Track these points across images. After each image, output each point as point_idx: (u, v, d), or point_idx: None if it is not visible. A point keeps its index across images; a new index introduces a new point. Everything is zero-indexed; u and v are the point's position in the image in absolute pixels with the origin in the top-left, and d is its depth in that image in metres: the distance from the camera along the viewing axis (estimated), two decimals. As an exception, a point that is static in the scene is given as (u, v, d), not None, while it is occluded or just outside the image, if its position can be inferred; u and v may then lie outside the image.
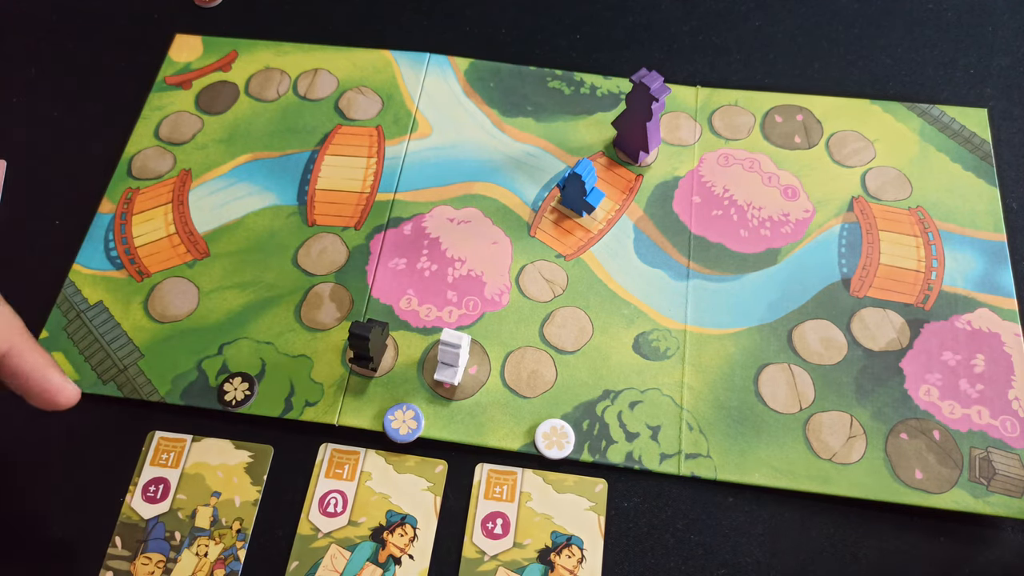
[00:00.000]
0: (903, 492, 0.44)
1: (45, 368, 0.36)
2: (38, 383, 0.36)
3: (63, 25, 0.63)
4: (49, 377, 0.36)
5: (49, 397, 0.36)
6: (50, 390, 0.36)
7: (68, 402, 0.37)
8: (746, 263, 0.51)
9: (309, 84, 0.59)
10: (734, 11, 0.62)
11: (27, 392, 0.36)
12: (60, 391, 0.36)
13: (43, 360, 0.36)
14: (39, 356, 0.36)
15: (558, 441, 0.45)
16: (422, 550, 0.43)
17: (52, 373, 0.36)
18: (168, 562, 0.42)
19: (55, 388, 0.36)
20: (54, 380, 0.36)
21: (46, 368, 0.36)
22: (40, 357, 0.36)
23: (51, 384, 0.36)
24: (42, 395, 0.36)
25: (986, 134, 0.55)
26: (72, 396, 0.37)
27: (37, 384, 0.36)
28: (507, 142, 0.56)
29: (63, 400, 0.37)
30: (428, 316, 0.49)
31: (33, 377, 0.36)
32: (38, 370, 0.36)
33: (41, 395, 0.36)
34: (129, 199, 0.54)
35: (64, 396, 0.37)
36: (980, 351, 0.48)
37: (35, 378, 0.36)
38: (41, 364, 0.36)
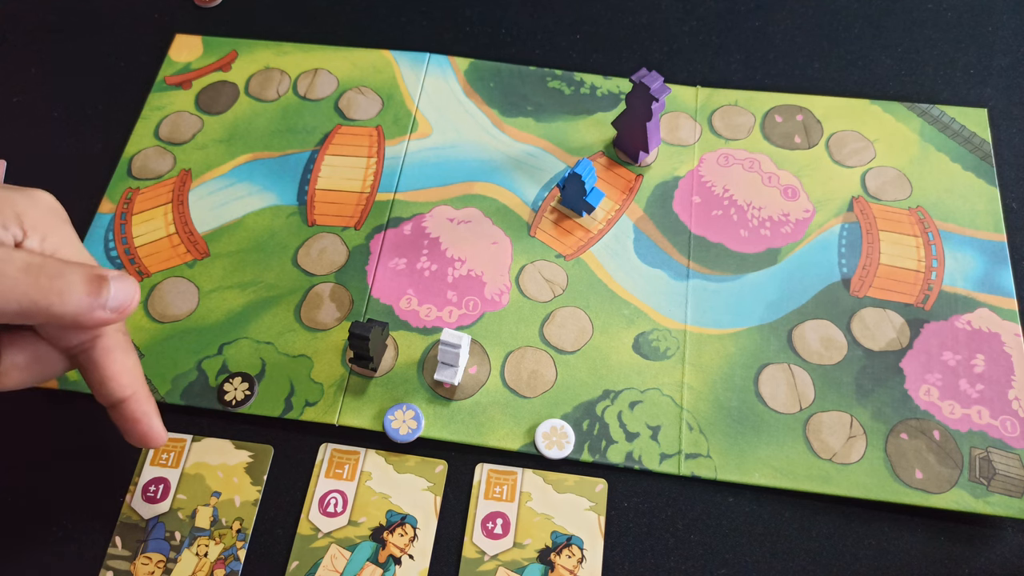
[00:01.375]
0: (903, 492, 0.44)
1: (154, 416, 0.39)
2: (144, 429, 0.38)
3: (63, 25, 0.63)
4: (154, 425, 0.39)
5: (145, 441, 0.39)
6: (150, 436, 0.39)
7: (157, 446, 0.40)
8: (746, 263, 0.51)
9: (309, 84, 0.59)
10: (734, 11, 0.62)
11: (129, 432, 0.39)
12: (157, 438, 0.39)
13: (154, 408, 0.39)
14: (152, 404, 0.39)
15: (558, 441, 0.45)
16: (422, 550, 0.43)
17: (157, 421, 0.39)
18: (168, 562, 0.42)
19: (155, 435, 0.39)
20: (155, 427, 0.39)
21: (154, 416, 0.39)
22: (153, 406, 0.39)
23: (153, 431, 0.39)
24: (141, 438, 0.39)
25: (986, 134, 0.55)
26: (163, 442, 0.40)
27: (143, 429, 0.38)
28: (507, 142, 0.56)
29: (155, 445, 0.39)
30: (428, 316, 0.49)
31: (143, 422, 0.38)
32: (148, 417, 0.38)
33: (140, 438, 0.39)
34: (129, 199, 0.54)
35: (158, 442, 0.39)
36: (980, 351, 0.48)
37: (143, 423, 0.38)
38: (152, 412, 0.39)
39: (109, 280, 0.34)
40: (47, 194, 0.36)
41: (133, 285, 0.35)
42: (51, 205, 0.36)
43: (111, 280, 0.34)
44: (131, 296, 0.35)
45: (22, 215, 0.34)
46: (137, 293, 0.35)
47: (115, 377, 0.37)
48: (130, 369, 0.38)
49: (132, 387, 0.38)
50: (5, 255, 0.32)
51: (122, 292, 0.34)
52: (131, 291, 0.35)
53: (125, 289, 0.34)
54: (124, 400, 0.38)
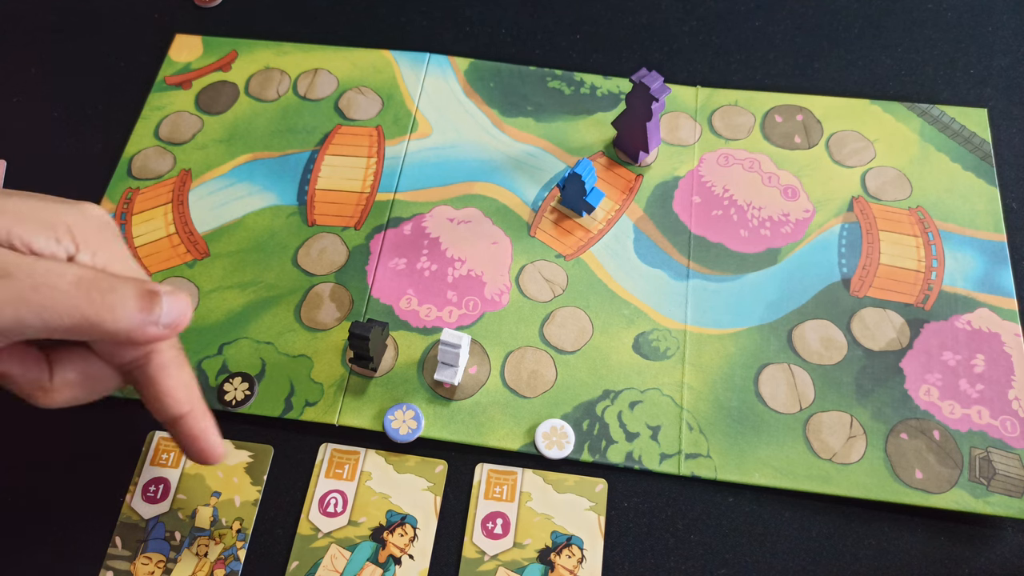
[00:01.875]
0: (903, 492, 0.44)
1: (212, 433, 0.38)
2: (203, 445, 0.38)
3: (63, 25, 0.63)
4: (212, 441, 0.38)
5: (204, 458, 0.38)
6: (209, 453, 0.38)
7: (217, 463, 0.39)
8: (746, 263, 0.51)
9: (309, 84, 0.59)
10: (734, 11, 0.62)
11: (188, 449, 0.38)
12: (216, 454, 0.38)
13: (211, 423, 0.38)
14: (209, 420, 0.38)
15: (558, 441, 0.45)
16: (422, 550, 0.43)
17: (215, 437, 0.38)
18: (168, 562, 0.42)
19: (213, 452, 0.38)
20: (214, 443, 0.38)
21: (213, 432, 0.38)
22: (211, 421, 0.38)
23: (211, 447, 0.38)
24: (200, 455, 0.38)
25: (986, 134, 0.55)
26: (222, 457, 0.39)
27: (201, 445, 0.38)
28: (507, 142, 0.56)
29: (215, 462, 0.39)
30: (428, 316, 0.49)
31: (201, 439, 0.38)
32: (206, 433, 0.38)
33: (199, 455, 0.38)
34: (129, 199, 0.54)
35: (217, 458, 0.38)
36: (980, 351, 0.48)
37: (202, 440, 0.38)
38: (210, 428, 0.38)
39: (161, 295, 0.33)
40: (98, 208, 0.36)
41: (185, 300, 0.34)
42: (102, 219, 0.35)
43: (163, 295, 0.33)
44: (184, 311, 0.34)
45: (74, 228, 0.33)
46: (190, 308, 0.35)
47: (171, 393, 0.36)
48: (186, 384, 0.37)
49: (189, 403, 0.37)
50: (58, 269, 0.32)
51: (175, 308, 0.34)
52: (184, 306, 0.34)
53: (177, 304, 0.34)
54: (181, 417, 0.37)
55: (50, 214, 0.33)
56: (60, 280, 0.31)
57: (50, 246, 0.33)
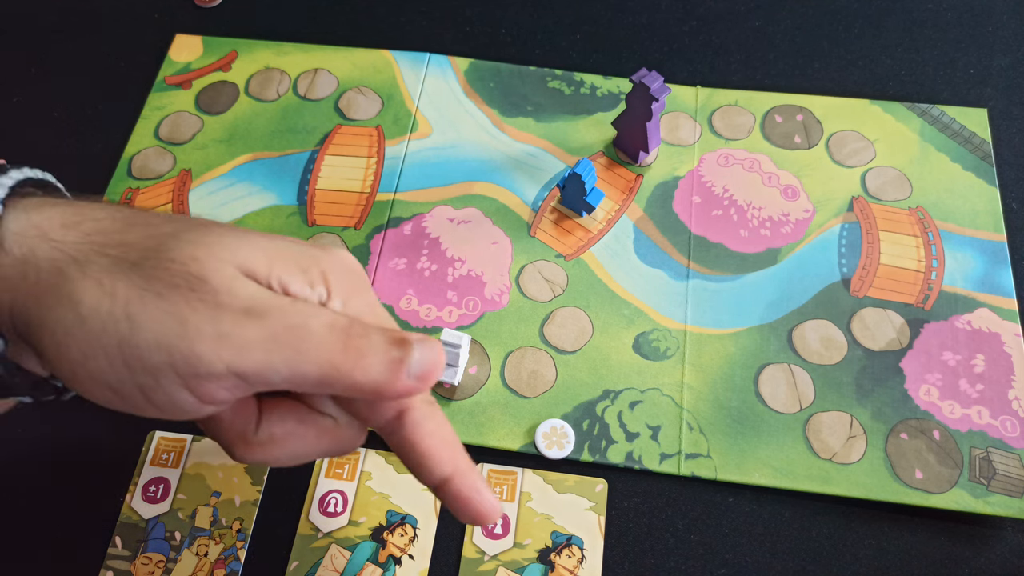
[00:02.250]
0: (903, 492, 0.44)
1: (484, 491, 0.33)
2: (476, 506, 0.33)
3: (63, 25, 0.63)
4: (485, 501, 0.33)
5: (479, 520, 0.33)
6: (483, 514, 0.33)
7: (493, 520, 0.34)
8: (746, 263, 0.51)
9: (309, 84, 0.59)
10: (734, 11, 0.62)
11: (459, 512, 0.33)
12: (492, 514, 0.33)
13: (481, 480, 0.33)
14: (478, 476, 0.33)
15: (558, 441, 0.45)
16: (422, 550, 0.43)
17: (488, 495, 0.33)
18: (168, 562, 0.42)
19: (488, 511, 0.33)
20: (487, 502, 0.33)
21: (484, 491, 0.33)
22: (479, 478, 0.33)
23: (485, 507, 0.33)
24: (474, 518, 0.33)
25: (986, 134, 0.55)
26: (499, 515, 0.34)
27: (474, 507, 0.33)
28: (507, 142, 0.56)
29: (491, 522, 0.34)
30: (428, 316, 0.49)
31: (473, 500, 0.33)
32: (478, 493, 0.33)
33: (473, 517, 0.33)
34: (129, 199, 0.54)
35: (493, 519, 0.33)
36: (980, 351, 0.48)
37: (475, 500, 0.33)
38: (481, 486, 0.33)
39: (413, 343, 0.30)
40: (350, 255, 0.33)
41: (437, 349, 0.31)
42: (353, 267, 0.33)
43: (415, 343, 0.30)
44: (437, 362, 0.31)
45: (328, 274, 0.31)
46: (443, 358, 0.31)
47: (432, 455, 0.32)
48: (447, 443, 0.33)
49: (453, 462, 0.33)
50: (312, 311, 0.29)
51: (427, 358, 0.30)
52: (436, 355, 0.31)
53: (430, 354, 0.30)
54: (448, 479, 0.33)
55: (305, 257, 0.31)
56: (315, 323, 0.29)
57: (304, 290, 0.30)
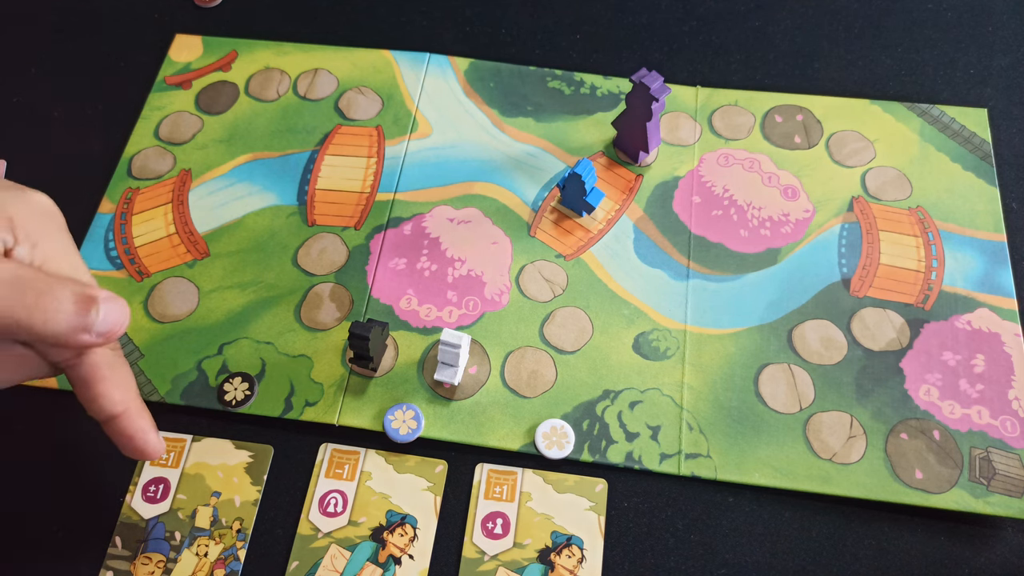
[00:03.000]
0: (903, 492, 0.44)
1: (149, 431, 0.37)
2: (139, 444, 0.37)
3: (63, 25, 0.63)
4: (149, 440, 0.37)
5: (141, 455, 0.38)
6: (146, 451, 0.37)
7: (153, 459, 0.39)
8: (746, 263, 0.51)
9: (309, 84, 0.59)
10: (734, 11, 0.62)
11: (123, 447, 0.37)
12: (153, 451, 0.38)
13: (148, 421, 0.37)
14: (146, 418, 0.37)
15: (558, 441, 0.45)
16: (422, 550, 0.43)
17: (152, 435, 0.38)
18: (168, 562, 0.42)
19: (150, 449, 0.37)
20: (151, 442, 0.37)
21: (149, 431, 0.37)
22: (147, 419, 0.37)
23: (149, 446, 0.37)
24: (136, 453, 0.37)
25: (986, 134, 0.55)
26: (159, 455, 0.38)
27: (138, 444, 0.37)
28: (507, 142, 0.56)
29: (151, 458, 0.38)
30: (428, 316, 0.49)
31: (137, 438, 0.37)
32: (143, 432, 0.37)
33: (135, 452, 0.37)
34: (129, 199, 0.54)
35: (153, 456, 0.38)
36: (980, 351, 0.48)
37: (138, 438, 0.37)
38: (147, 426, 0.37)
39: (99, 302, 0.32)
40: (43, 196, 0.34)
41: (124, 309, 0.33)
42: (46, 208, 0.34)
43: (101, 302, 0.32)
44: (120, 321, 0.33)
45: (14, 219, 0.32)
46: (127, 317, 0.33)
47: (105, 394, 0.35)
48: (120, 384, 0.36)
49: (124, 403, 0.36)
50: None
51: (111, 316, 0.32)
52: (121, 315, 0.33)
53: (115, 313, 0.32)
54: (116, 417, 0.36)
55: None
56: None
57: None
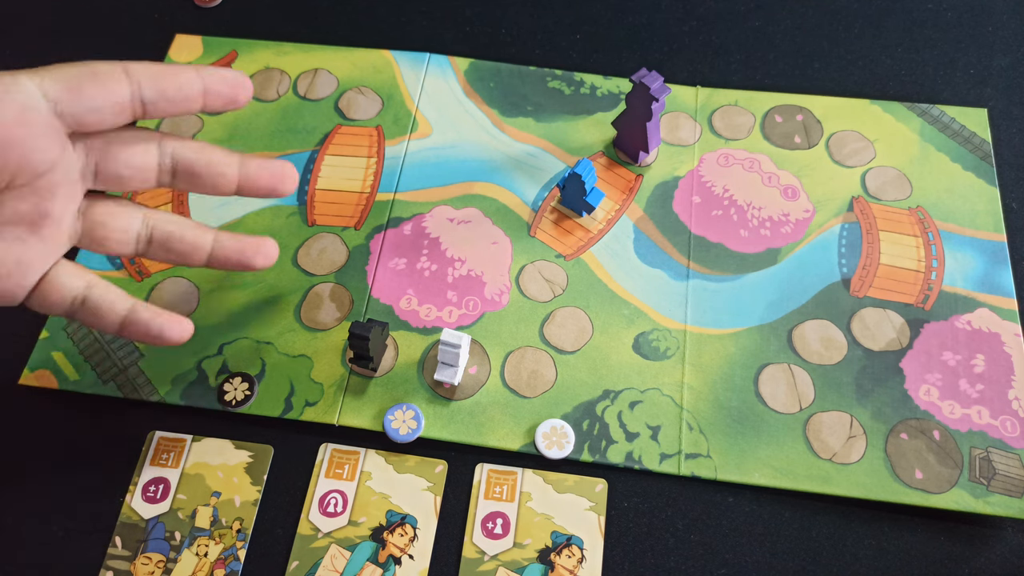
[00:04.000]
0: (903, 492, 0.44)
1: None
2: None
3: (63, 25, 0.63)
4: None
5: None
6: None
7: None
8: (746, 263, 0.51)
9: (309, 84, 0.59)
10: (734, 11, 0.62)
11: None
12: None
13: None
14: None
15: (558, 441, 0.45)
16: (422, 550, 0.43)
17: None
18: (168, 562, 0.42)
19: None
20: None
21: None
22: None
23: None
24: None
25: (986, 134, 0.55)
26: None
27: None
28: (507, 142, 0.56)
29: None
30: (428, 316, 0.49)
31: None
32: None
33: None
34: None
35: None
36: (980, 351, 0.48)
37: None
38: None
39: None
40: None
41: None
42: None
43: None
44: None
45: None
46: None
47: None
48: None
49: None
50: None
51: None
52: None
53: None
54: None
55: None
56: None
57: None
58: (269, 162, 0.41)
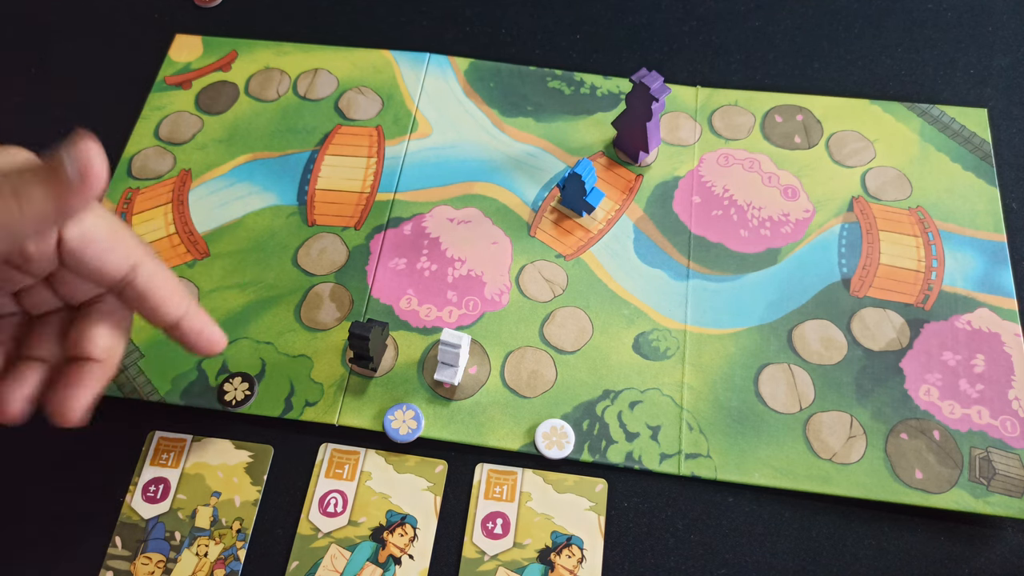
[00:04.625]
0: (903, 492, 0.44)
1: (211, 324, 0.39)
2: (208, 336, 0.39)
3: (63, 25, 0.63)
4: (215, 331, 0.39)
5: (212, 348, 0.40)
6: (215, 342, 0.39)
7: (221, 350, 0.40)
8: (746, 263, 0.51)
9: (309, 84, 0.59)
10: (734, 11, 0.62)
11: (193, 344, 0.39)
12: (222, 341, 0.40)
13: (207, 317, 0.39)
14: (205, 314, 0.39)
15: (558, 441, 0.45)
16: (422, 550, 0.43)
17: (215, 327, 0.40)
18: (168, 562, 0.42)
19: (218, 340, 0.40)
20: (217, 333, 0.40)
21: (212, 324, 0.39)
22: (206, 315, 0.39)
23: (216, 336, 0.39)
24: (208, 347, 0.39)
25: (986, 134, 0.55)
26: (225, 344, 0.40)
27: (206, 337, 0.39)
28: (507, 142, 0.56)
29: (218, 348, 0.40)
30: (428, 316, 0.49)
31: (204, 332, 0.39)
32: (208, 326, 0.39)
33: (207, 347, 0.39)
34: (129, 199, 0.54)
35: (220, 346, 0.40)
36: (980, 351, 0.48)
37: (205, 332, 0.39)
38: (209, 320, 0.39)
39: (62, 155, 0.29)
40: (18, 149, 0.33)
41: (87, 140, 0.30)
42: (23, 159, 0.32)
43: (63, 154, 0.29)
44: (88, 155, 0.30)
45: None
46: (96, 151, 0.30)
47: (168, 299, 0.37)
48: (177, 289, 0.38)
49: (183, 304, 0.38)
50: None
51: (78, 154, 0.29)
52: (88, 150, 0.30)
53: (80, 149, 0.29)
54: (180, 318, 0.38)
55: None
56: None
57: None
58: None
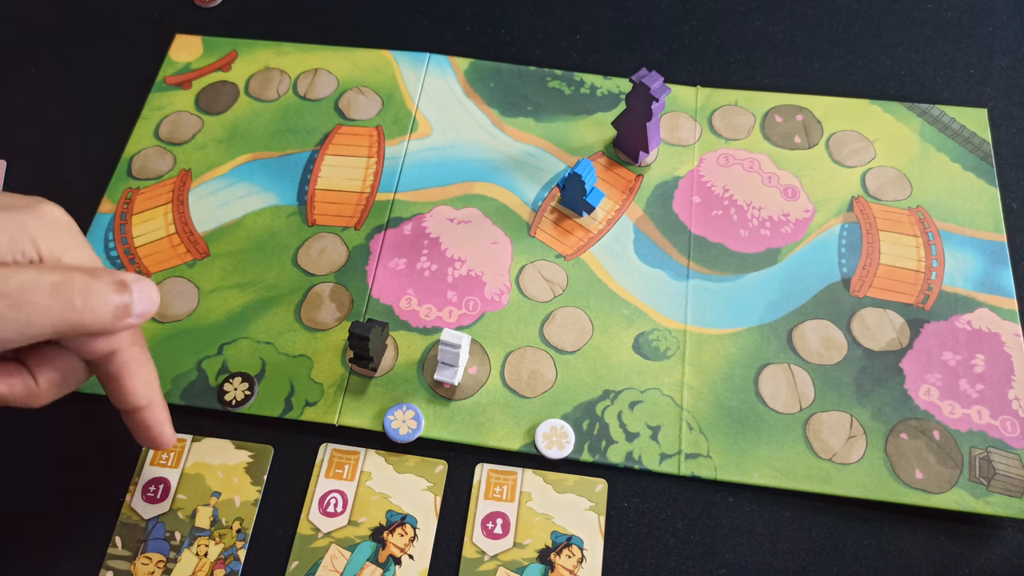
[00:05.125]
0: (903, 492, 0.44)
1: (166, 423, 0.40)
2: (155, 434, 0.40)
3: (63, 25, 0.63)
4: (164, 431, 0.40)
5: (154, 445, 0.40)
6: (160, 441, 0.40)
7: (164, 449, 0.42)
8: (746, 263, 0.51)
9: (309, 84, 0.59)
10: (734, 11, 0.62)
11: (139, 436, 0.40)
12: (167, 442, 0.41)
13: (166, 414, 0.40)
14: (165, 411, 0.40)
15: (558, 441, 0.45)
16: (422, 550, 0.43)
17: (168, 427, 0.40)
18: (168, 562, 0.42)
19: (164, 440, 0.40)
20: (166, 433, 0.40)
21: (166, 423, 0.40)
22: (165, 413, 0.40)
23: (163, 436, 0.40)
24: (150, 442, 0.40)
25: (986, 134, 0.55)
26: (170, 445, 0.41)
27: (154, 434, 0.40)
28: (507, 142, 0.56)
29: (163, 448, 0.41)
30: (428, 316, 0.49)
31: (154, 429, 0.40)
32: (160, 424, 0.40)
33: (149, 442, 0.40)
34: (129, 199, 0.54)
35: (166, 446, 0.41)
36: (980, 351, 0.48)
37: (155, 429, 0.40)
38: (165, 419, 0.40)
39: (132, 287, 0.35)
40: (55, 207, 0.35)
41: (153, 287, 0.36)
42: (61, 220, 0.35)
43: (132, 285, 0.35)
44: (153, 299, 0.36)
45: (36, 237, 0.33)
46: (157, 294, 0.36)
47: (133, 390, 0.38)
48: (147, 381, 0.39)
49: (148, 397, 0.39)
50: (31, 282, 0.32)
51: (144, 295, 0.35)
52: (152, 293, 0.36)
53: (147, 291, 0.35)
54: (140, 409, 0.39)
55: (11, 224, 0.33)
56: (36, 294, 0.32)
57: (16, 257, 0.33)
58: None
